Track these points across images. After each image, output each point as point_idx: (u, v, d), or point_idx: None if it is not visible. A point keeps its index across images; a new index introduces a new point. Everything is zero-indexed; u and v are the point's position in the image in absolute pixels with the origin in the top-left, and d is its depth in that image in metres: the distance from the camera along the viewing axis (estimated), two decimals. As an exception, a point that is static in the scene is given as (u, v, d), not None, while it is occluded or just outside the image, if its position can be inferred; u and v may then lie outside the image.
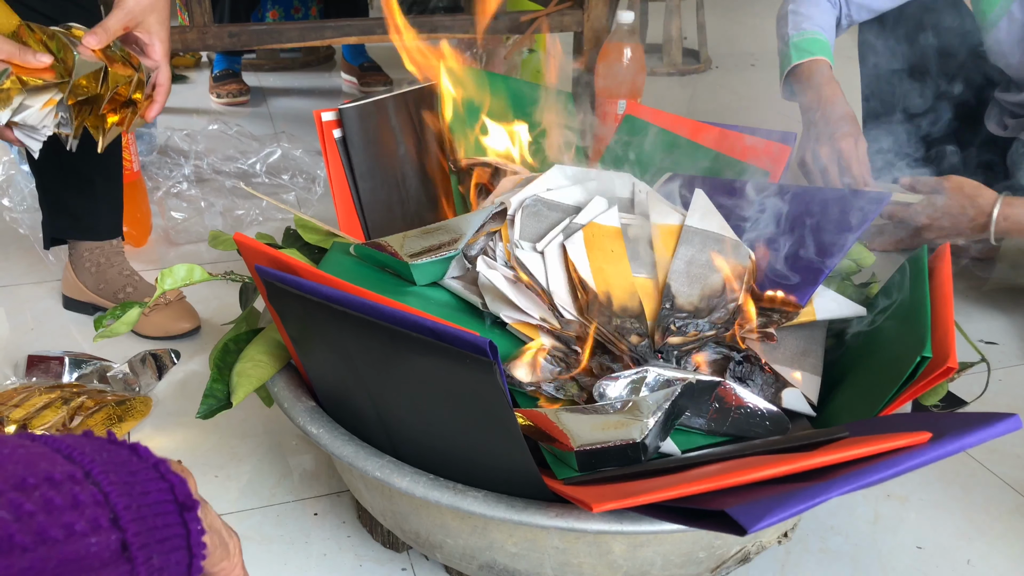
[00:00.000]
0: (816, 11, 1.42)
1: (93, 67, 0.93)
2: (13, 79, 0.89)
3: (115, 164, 1.32)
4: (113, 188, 1.32)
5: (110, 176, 1.31)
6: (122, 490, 0.41)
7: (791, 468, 0.62)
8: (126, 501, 0.41)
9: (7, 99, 0.89)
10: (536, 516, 0.69)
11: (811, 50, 1.38)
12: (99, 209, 1.32)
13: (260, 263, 0.75)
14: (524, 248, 0.91)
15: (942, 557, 0.95)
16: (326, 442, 0.77)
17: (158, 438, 1.11)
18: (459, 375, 0.64)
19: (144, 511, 0.42)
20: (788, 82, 1.42)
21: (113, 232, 1.35)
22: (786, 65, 1.41)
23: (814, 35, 1.39)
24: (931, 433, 0.63)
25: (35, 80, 0.90)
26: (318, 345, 0.76)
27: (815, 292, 0.92)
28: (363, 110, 1.10)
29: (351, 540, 0.95)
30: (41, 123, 0.93)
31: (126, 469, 0.43)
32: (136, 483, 0.43)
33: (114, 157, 1.31)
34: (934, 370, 0.74)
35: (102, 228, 1.33)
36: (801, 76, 1.38)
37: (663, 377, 0.80)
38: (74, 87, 0.92)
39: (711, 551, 0.77)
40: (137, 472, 0.44)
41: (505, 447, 0.68)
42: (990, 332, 1.39)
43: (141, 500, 0.42)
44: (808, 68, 1.37)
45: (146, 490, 0.43)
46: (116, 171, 1.33)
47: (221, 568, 0.51)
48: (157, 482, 0.44)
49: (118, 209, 1.35)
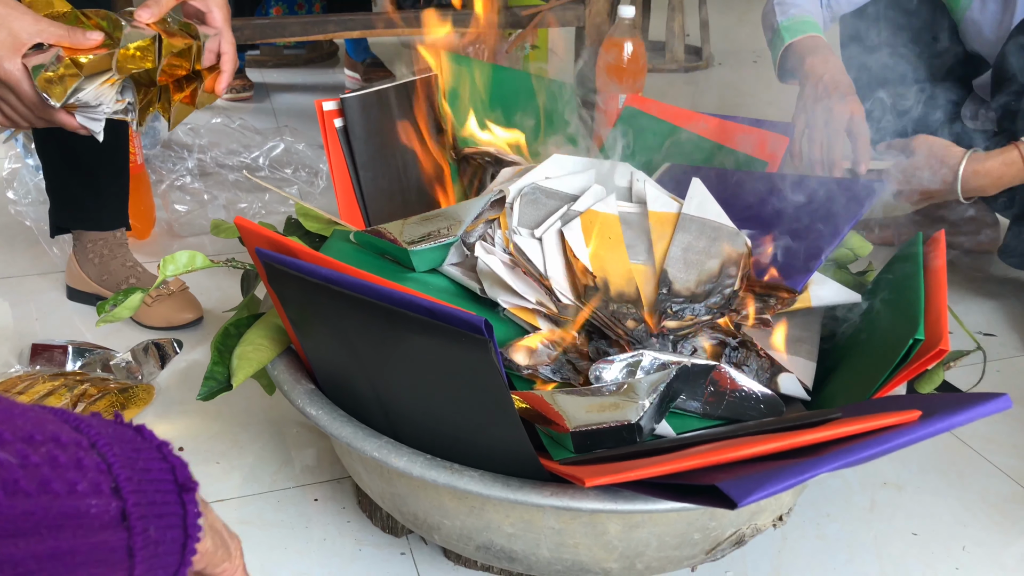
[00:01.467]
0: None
1: (141, 36, 0.88)
2: (67, 63, 0.84)
3: (121, 155, 1.33)
4: (118, 179, 1.34)
5: (116, 167, 1.33)
6: (125, 463, 0.42)
7: (782, 445, 0.62)
8: (128, 473, 0.42)
9: (63, 84, 0.84)
10: (531, 495, 0.70)
11: (803, 29, 1.34)
12: (104, 199, 1.33)
13: (260, 246, 0.76)
14: (522, 235, 0.92)
15: (937, 544, 0.95)
16: (325, 423, 0.78)
17: (160, 425, 1.12)
18: (455, 354, 0.65)
19: (145, 486, 0.43)
20: (785, 63, 1.39)
21: (117, 223, 1.36)
22: (779, 47, 1.37)
23: (803, 18, 1.36)
24: (921, 411, 0.64)
25: (89, 60, 0.85)
26: (317, 327, 0.77)
27: (810, 279, 0.92)
28: (365, 99, 1.11)
29: (351, 525, 0.96)
30: (98, 100, 0.88)
31: (131, 446, 0.44)
32: (139, 459, 0.44)
33: (120, 148, 1.32)
34: (926, 352, 0.75)
35: (106, 219, 1.35)
36: (796, 52, 1.34)
37: (659, 361, 0.81)
38: (125, 59, 0.87)
39: (706, 532, 0.77)
40: (141, 450, 0.45)
41: (501, 426, 0.68)
42: (988, 324, 1.39)
43: (143, 475, 0.43)
44: (802, 44, 1.33)
45: (148, 467, 0.44)
46: (122, 162, 1.34)
47: (223, 569, 0.52)
48: (159, 462, 0.45)
49: (123, 200, 1.36)
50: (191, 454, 1.07)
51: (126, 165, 1.35)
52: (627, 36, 1.68)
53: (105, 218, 1.35)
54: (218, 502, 0.99)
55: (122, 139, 1.32)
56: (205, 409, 1.14)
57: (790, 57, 1.35)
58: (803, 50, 1.32)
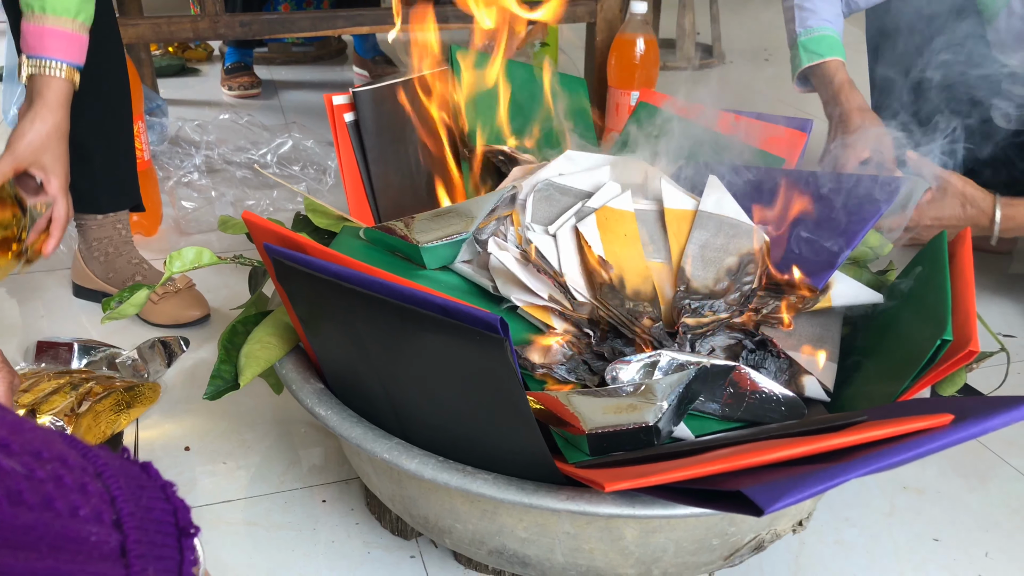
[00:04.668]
0: (820, 2, 1.40)
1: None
2: None
3: (115, 135, 1.29)
4: (116, 161, 1.30)
5: (113, 150, 1.29)
6: (129, 497, 0.41)
7: (809, 450, 0.60)
8: (131, 508, 0.40)
9: None
10: (546, 499, 0.68)
11: (820, 51, 1.36)
12: (99, 181, 1.29)
13: (269, 241, 0.74)
14: (536, 231, 0.90)
15: (959, 550, 0.93)
16: (334, 424, 0.76)
17: (167, 424, 1.10)
18: (469, 353, 0.63)
19: (147, 524, 0.41)
20: (804, 82, 1.42)
21: (116, 206, 1.33)
22: (796, 66, 1.39)
23: (822, 32, 1.37)
24: (953, 415, 0.61)
25: None
26: (327, 325, 0.75)
27: (831, 277, 0.90)
28: (377, 93, 1.09)
29: (359, 527, 0.94)
30: None
31: (136, 482, 0.43)
32: (143, 496, 0.42)
33: (117, 131, 1.29)
34: (955, 354, 0.72)
35: (104, 202, 1.31)
36: (813, 78, 1.37)
37: (677, 361, 0.79)
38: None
39: (724, 538, 0.75)
40: (145, 487, 0.43)
41: (516, 428, 0.66)
42: (1008, 325, 1.37)
43: (145, 513, 0.42)
44: (819, 72, 1.35)
45: (151, 506, 0.43)
46: (119, 143, 1.30)
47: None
48: (162, 502, 0.44)
49: (124, 184, 1.32)
50: (197, 454, 1.05)
51: (128, 149, 1.32)
52: (639, 32, 1.66)
53: (103, 201, 1.31)
54: (224, 503, 0.97)
55: (121, 122, 1.29)
56: (212, 408, 1.12)
57: (810, 78, 1.39)
58: (819, 81, 1.35)
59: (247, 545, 0.91)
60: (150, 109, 1.83)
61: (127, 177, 1.33)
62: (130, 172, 1.33)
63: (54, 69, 1.04)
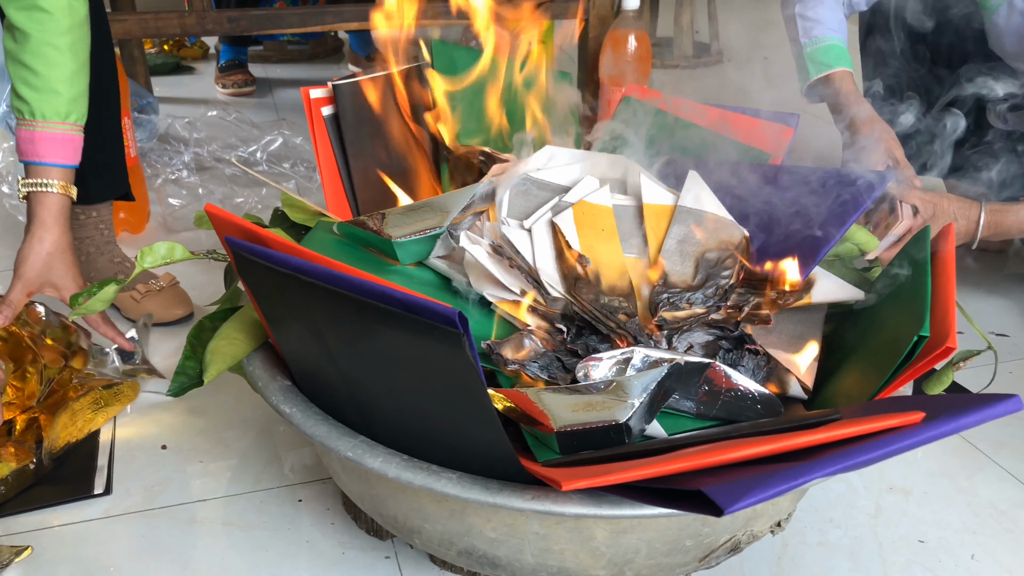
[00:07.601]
0: (823, 10, 1.39)
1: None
2: None
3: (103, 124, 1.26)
4: (102, 148, 1.26)
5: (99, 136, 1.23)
6: None
7: (774, 448, 0.58)
8: None
9: None
10: (512, 499, 0.66)
11: (827, 62, 1.36)
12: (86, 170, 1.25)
13: (231, 234, 0.72)
14: (511, 225, 0.88)
15: (945, 552, 0.91)
16: (298, 421, 0.75)
17: (144, 423, 1.09)
18: (428, 348, 0.61)
19: None
20: (813, 93, 1.41)
21: (103, 195, 1.30)
22: (804, 77, 1.39)
23: (828, 42, 1.37)
24: (924, 413, 0.60)
25: None
26: (289, 320, 0.73)
27: (812, 273, 0.88)
28: (357, 87, 1.07)
29: (335, 527, 0.93)
30: None
31: None
32: None
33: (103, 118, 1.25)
34: (932, 350, 0.71)
35: (92, 191, 1.28)
36: (821, 89, 1.37)
37: (650, 358, 0.77)
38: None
39: (698, 539, 0.74)
40: None
41: (479, 425, 0.65)
42: (1001, 325, 1.34)
43: None
44: (826, 83, 1.35)
45: None
46: (107, 131, 1.27)
47: None
48: None
49: (107, 171, 1.30)
50: (174, 452, 1.04)
51: (116, 137, 1.30)
52: (631, 28, 1.65)
53: (92, 191, 1.27)
54: (199, 502, 0.96)
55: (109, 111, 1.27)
56: (190, 406, 1.11)
57: (818, 88, 1.38)
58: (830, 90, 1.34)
59: (222, 545, 0.90)
60: (140, 106, 1.82)
61: (115, 165, 1.31)
62: (119, 160, 1.31)
63: (48, 185, 1.05)
